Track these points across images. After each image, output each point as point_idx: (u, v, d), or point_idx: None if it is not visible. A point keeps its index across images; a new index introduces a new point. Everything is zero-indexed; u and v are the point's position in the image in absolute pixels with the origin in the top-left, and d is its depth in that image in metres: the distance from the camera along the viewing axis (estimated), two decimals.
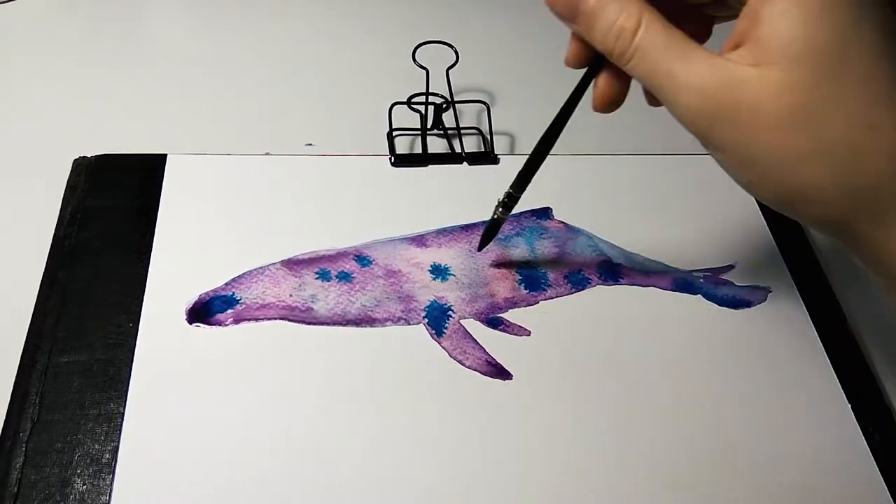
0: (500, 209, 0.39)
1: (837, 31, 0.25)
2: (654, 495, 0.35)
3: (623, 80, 0.32)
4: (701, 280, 0.43)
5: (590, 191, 0.47)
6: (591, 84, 0.33)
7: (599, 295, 0.42)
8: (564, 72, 0.62)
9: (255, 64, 0.54)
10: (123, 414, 0.34)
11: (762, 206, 0.47)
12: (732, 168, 0.28)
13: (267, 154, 0.46)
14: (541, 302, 0.41)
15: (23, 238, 0.41)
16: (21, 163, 0.46)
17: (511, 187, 0.38)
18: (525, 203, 0.45)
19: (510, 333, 0.40)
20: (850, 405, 0.39)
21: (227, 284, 0.39)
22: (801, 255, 0.45)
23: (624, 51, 0.28)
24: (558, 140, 0.51)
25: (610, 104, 0.33)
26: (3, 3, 0.55)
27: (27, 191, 0.44)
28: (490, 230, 0.40)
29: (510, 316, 0.41)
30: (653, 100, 0.33)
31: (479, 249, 0.41)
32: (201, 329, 0.38)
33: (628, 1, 0.28)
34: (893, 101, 0.26)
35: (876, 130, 0.26)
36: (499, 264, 0.43)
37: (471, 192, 0.46)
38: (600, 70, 0.32)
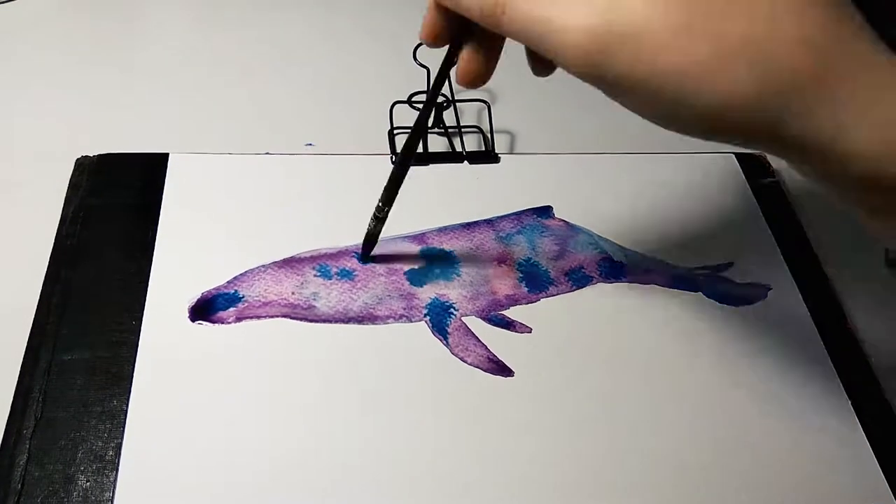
0: (373, 222, 0.40)
1: None
2: (654, 492, 0.35)
3: (486, 49, 0.31)
4: (701, 277, 0.44)
5: (591, 189, 0.47)
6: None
7: (600, 292, 0.42)
8: (563, 71, 0.62)
9: (256, 63, 0.54)
10: (126, 411, 0.35)
11: (762, 204, 0.47)
12: (642, 104, 0.26)
13: (268, 154, 0.46)
14: (542, 299, 0.41)
15: (26, 237, 0.41)
16: (23, 162, 0.46)
17: (380, 200, 0.39)
18: (526, 202, 0.46)
19: (512, 331, 0.40)
20: (850, 402, 0.39)
21: (229, 282, 0.40)
22: (801, 252, 0.46)
23: (493, 8, 0.26)
24: (557, 139, 0.52)
25: (476, 78, 0.31)
26: (3, 2, 0.55)
27: (30, 190, 0.44)
28: (367, 243, 0.41)
29: (512, 313, 0.41)
30: (538, 66, 0.31)
31: (362, 262, 0.41)
32: (204, 327, 0.38)
33: None
34: None
35: (776, 21, 0.24)
36: (500, 262, 0.43)
37: (471, 191, 0.46)
38: (462, 44, 0.31)
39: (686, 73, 0.24)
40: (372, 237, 0.41)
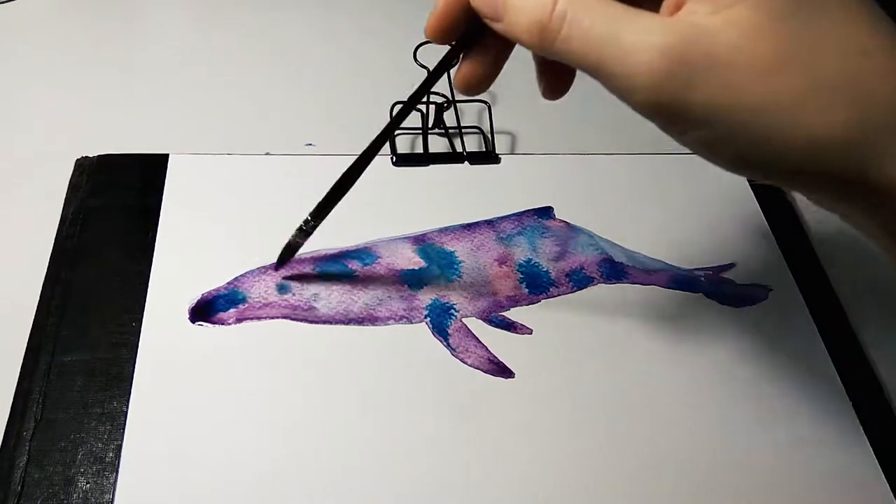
0: (298, 233, 0.38)
1: None
2: (655, 493, 0.35)
3: (493, 56, 0.29)
4: (702, 278, 0.44)
5: (591, 190, 0.47)
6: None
7: (601, 293, 0.42)
8: None
9: (256, 64, 0.54)
10: (126, 412, 0.34)
11: (763, 205, 0.47)
12: (716, 142, 0.24)
13: (268, 154, 0.46)
14: (543, 300, 0.41)
15: (25, 238, 0.41)
16: (23, 163, 0.46)
17: (310, 214, 0.37)
18: (526, 202, 0.46)
19: (512, 332, 0.40)
20: (850, 402, 0.39)
21: (229, 283, 0.40)
22: (802, 253, 0.46)
23: (546, 24, 0.24)
24: (558, 140, 0.52)
25: (477, 85, 0.29)
26: (3, 2, 0.55)
27: (29, 191, 0.44)
28: (285, 252, 0.39)
29: (512, 314, 0.41)
30: (554, 86, 0.29)
31: (276, 269, 0.40)
32: (204, 328, 0.38)
33: None
34: (876, 24, 0.23)
35: (870, 56, 0.23)
36: (501, 263, 0.43)
37: (472, 192, 0.46)
38: (466, 49, 0.29)
39: (779, 105, 0.22)
40: (291, 250, 0.38)
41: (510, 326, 0.40)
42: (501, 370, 0.38)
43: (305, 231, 0.38)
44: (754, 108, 0.22)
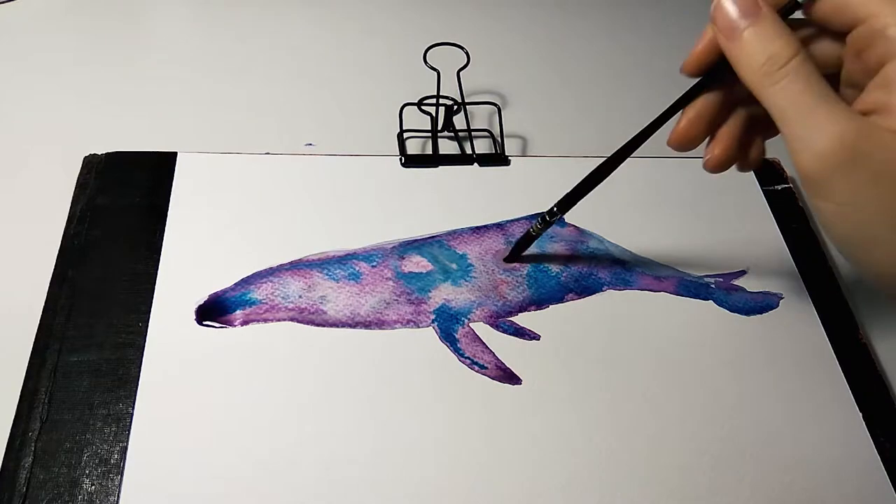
0: (540, 223, 0.39)
1: None
2: (663, 499, 0.35)
3: (712, 118, 0.32)
4: (712, 286, 0.43)
5: (601, 194, 0.46)
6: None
7: (610, 299, 0.42)
8: (575, 74, 0.62)
9: (265, 64, 0.54)
10: (132, 414, 0.34)
11: (775, 212, 0.47)
12: (841, 222, 0.28)
13: (267, 154, 0.46)
14: (551, 306, 0.41)
15: (33, 236, 0.41)
16: (31, 160, 0.46)
17: (556, 205, 0.38)
18: (536, 205, 0.45)
19: (520, 338, 0.40)
20: (861, 414, 0.39)
21: (236, 285, 0.39)
22: (814, 261, 0.45)
23: (772, 72, 0.28)
24: (568, 143, 0.51)
25: (689, 141, 0.33)
26: (6, 1, 0.55)
27: (37, 188, 0.44)
28: (523, 242, 0.41)
29: (520, 319, 0.40)
30: (753, 156, 0.34)
31: (508, 261, 0.42)
32: (211, 329, 0.38)
33: (785, 26, 0.28)
34: None
35: None
36: (509, 267, 0.42)
37: (481, 194, 0.46)
38: (709, 87, 0.32)
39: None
40: (528, 240, 0.41)
41: (518, 332, 0.40)
42: (509, 376, 0.38)
43: (549, 222, 0.39)
44: (882, 213, 0.27)
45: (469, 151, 0.48)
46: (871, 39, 0.28)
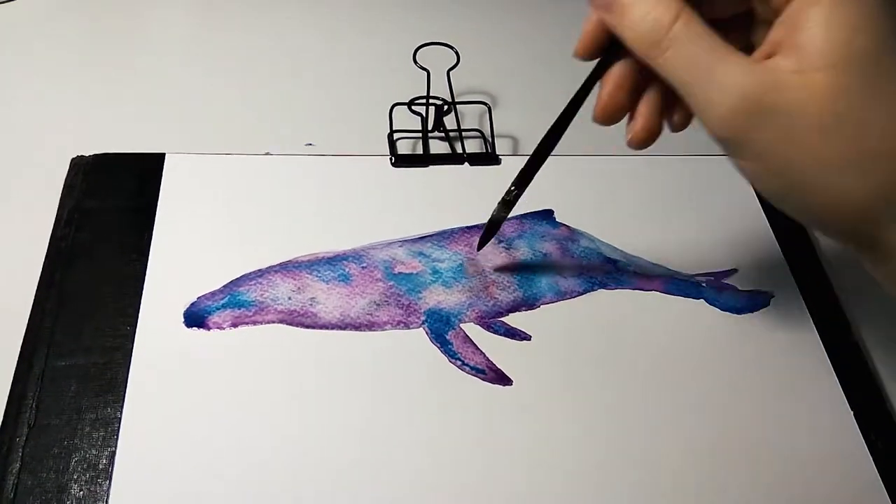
0: (500, 206, 0.38)
1: (879, 39, 0.25)
2: (654, 499, 0.35)
3: (631, 86, 0.31)
4: (703, 284, 0.43)
5: (592, 193, 0.47)
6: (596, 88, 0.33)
7: (601, 299, 0.42)
8: (566, 72, 0.62)
9: (254, 64, 0.54)
10: (121, 418, 0.34)
11: (766, 210, 0.47)
12: (764, 175, 0.28)
13: (267, 154, 0.46)
14: (542, 306, 0.41)
15: (20, 238, 0.41)
16: (18, 162, 0.45)
17: (513, 184, 0.37)
18: (527, 205, 0.45)
19: (511, 338, 0.39)
20: (852, 412, 0.39)
21: (225, 287, 0.39)
22: (805, 259, 0.45)
23: (658, 40, 0.27)
24: (561, 141, 0.51)
25: (613, 112, 0.32)
26: (2, 2, 0.55)
27: (24, 190, 0.44)
28: (489, 229, 0.39)
29: (511, 320, 0.40)
30: (678, 120, 0.32)
31: (479, 249, 0.41)
32: (199, 333, 0.37)
33: None
34: None
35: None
36: (500, 268, 0.42)
37: (472, 193, 0.45)
38: (611, 65, 0.31)
39: (822, 163, 0.26)
40: (494, 224, 0.38)
41: (509, 332, 0.40)
42: (500, 377, 0.38)
43: (509, 202, 0.37)
44: (800, 157, 0.26)
45: (460, 151, 0.47)
46: None
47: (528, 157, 0.37)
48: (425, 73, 0.47)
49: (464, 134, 0.48)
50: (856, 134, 0.25)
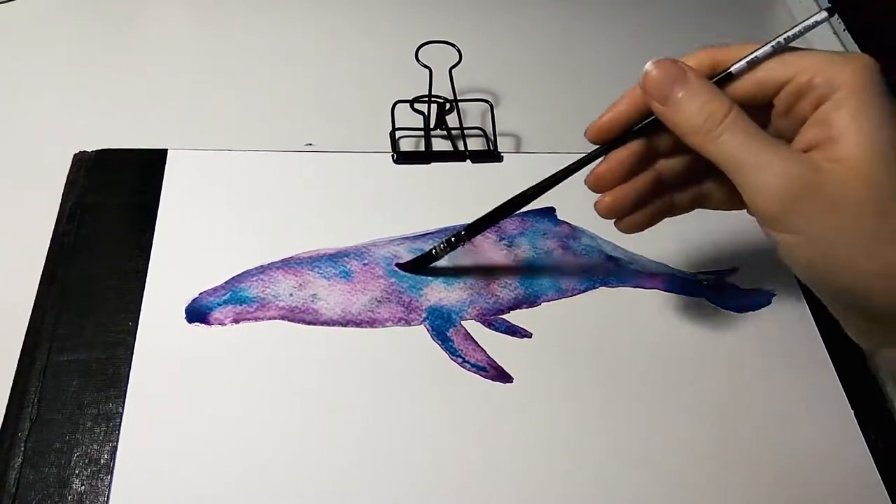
0: (443, 244, 0.39)
1: None
2: (654, 496, 0.35)
3: (631, 168, 0.34)
4: (704, 283, 0.43)
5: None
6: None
7: (602, 297, 0.42)
8: (567, 71, 0.62)
9: (256, 62, 0.54)
10: (122, 414, 0.34)
11: None
12: (803, 246, 0.29)
13: (264, 151, 0.46)
14: (543, 303, 0.41)
15: (22, 234, 0.41)
16: (21, 158, 0.45)
17: (465, 229, 0.38)
18: (529, 203, 0.45)
19: (512, 335, 0.39)
20: (853, 411, 0.39)
21: (227, 283, 0.39)
22: None
23: (711, 129, 0.30)
24: (560, 139, 0.51)
25: (606, 184, 0.35)
26: (3, 2, 0.55)
27: (27, 186, 0.44)
28: (422, 259, 0.40)
29: (512, 317, 0.40)
30: (633, 224, 0.35)
31: (402, 268, 0.41)
32: (201, 328, 0.37)
33: (716, 88, 0.31)
34: None
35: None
36: (501, 265, 0.42)
37: (474, 191, 0.45)
38: (617, 147, 0.34)
39: (860, 232, 0.28)
40: (427, 258, 0.40)
41: (510, 330, 0.40)
42: (500, 374, 0.38)
43: (453, 244, 0.39)
44: (839, 230, 0.28)
45: (462, 149, 0.47)
46: (800, 94, 0.30)
47: (492, 210, 0.38)
48: (427, 72, 0.47)
49: (466, 132, 0.48)
50: (886, 212, 0.28)
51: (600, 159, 0.35)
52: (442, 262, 0.41)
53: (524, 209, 0.44)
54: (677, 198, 0.36)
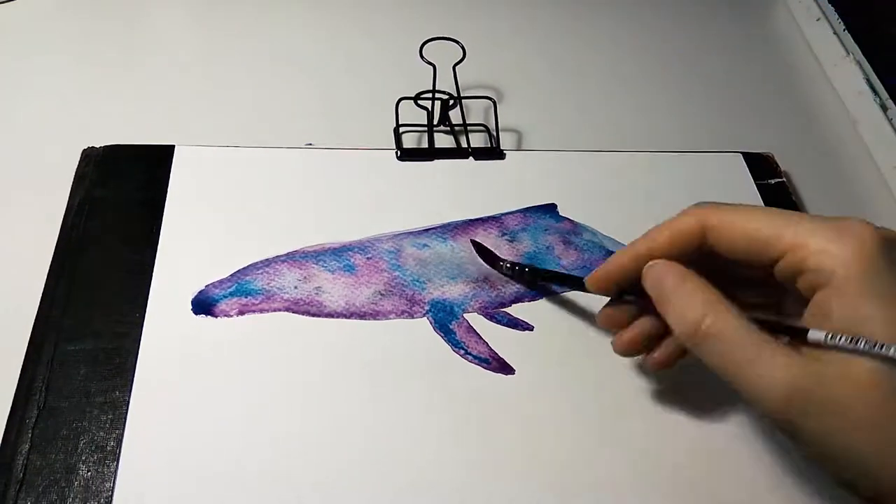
0: (508, 266, 0.41)
1: None
2: (654, 491, 0.35)
3: (633, 315, 0.35)
4: None
5: (595, 187, 0.47)
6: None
7: None
8: (570, 68, 0.62)
9: (262, 59, 0.54)
10: (129, 402, 0.35)
11: (768, 204, 0.47)
12: (819, 451, 0.28)
13: (271, 147, 0.46)
14: (545, 297, 0.41)
15: (31, 227, 0.42)
16: (30, 154, 0.46)
17: (528, 268, 0.41)
18: (531, 199, 0.46)
19: (514, 328, 0.40)
20: None
21: (232, 275, 0.40)
22: None
23: (692, 334, 0.29)
24: (562, 136, 0.52)
25: (611, 325, 0.36)
26: (4, 2, 0.55)
27: (36, 181, 0.44)
28: (488, 254, 0.42)
29: (514, 311, 0.41)
30: (660, 362, 0.35)
31: (476, 246, 0.42)
32: (207, 319, 0.38)
33: (697, 291, 0.29)
34: None
35: None
36: (503, 259, 0.43)
37: (476, 187, 0.46)
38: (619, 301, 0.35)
39: (873, 448, 0.26)
40: (492, 260, 0.41)
41: (512, 323, 0.40)
42: (502, 367, 0.38)
43: (515, 273, 0.41)
44: (850, 447, 0.27)
45: (465, 145, 0.48)
46: (798, 271, 0.29)
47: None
48: (431, 68, 0.47)
49: (469, 128, 0.48)
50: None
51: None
52: (445, 257, 0.42)
53: (526, 205, 0.45)
54: None
